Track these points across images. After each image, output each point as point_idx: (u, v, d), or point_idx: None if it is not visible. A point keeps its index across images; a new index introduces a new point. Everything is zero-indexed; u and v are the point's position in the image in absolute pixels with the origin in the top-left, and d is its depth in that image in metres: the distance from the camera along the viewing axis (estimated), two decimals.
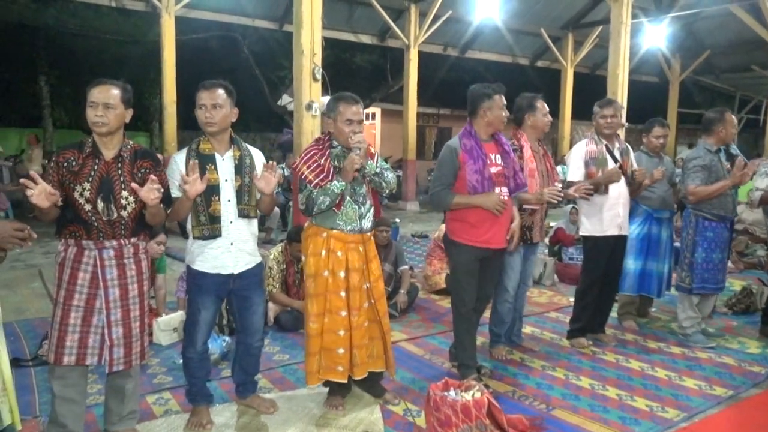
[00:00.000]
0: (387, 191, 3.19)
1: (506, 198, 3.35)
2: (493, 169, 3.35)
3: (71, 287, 2.53)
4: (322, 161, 2.99)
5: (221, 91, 2.84)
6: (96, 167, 2.54)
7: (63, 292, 2.53)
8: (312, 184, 2.95)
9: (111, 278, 2.57)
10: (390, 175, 3.16)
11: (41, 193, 2.33)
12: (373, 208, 3.15)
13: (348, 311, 3.02)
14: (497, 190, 3.33)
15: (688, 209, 4.27)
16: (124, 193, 2.57)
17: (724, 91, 18.32)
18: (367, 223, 3.09)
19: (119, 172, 2.59)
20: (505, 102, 3.42)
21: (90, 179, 2.52)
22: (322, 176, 2.96)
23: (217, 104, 2.82)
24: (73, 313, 2.52)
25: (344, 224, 3.02)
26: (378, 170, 3.09)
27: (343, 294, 3.02)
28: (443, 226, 3.86)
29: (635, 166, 4.21)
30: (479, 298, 3.55)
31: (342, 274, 3.01)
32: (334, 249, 3.01)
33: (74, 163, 2.52)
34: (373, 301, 3.12)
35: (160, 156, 2.71)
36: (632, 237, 4.51)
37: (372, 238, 3.19)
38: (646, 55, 14.40)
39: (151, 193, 2.52)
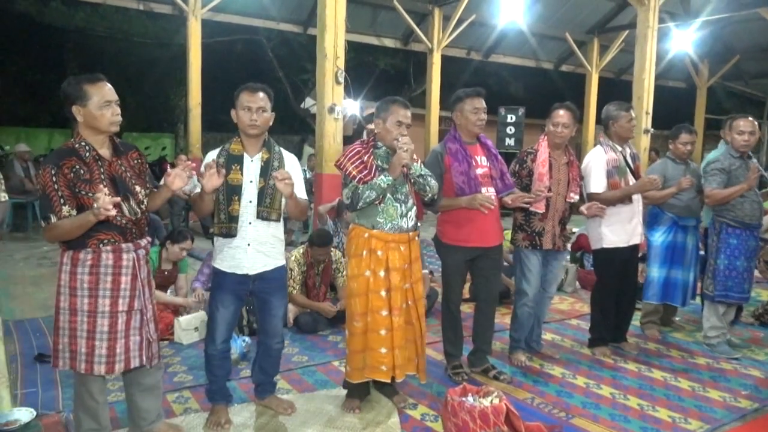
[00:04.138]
0: (429, 195, 3.21)
1: (493, 197, 3.41)
2: (479, 171, 3.45)
3: (115, 293, 2.47)
4: (366, 158, 3.06)
5: (265, 95, 2.90)
6: (102, 169, 2.47)
7: (107, 300, 2.45)
8: (356, 180, 3.01)
9: (144, 276, 2.58)
10: (433, 181, 3.19)
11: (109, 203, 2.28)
12: (415, 207, 3.18)
13: (389, 311, 3.04)
14: (483, 190, 3.40)
15: (713, 216, 4.20)
16: (137, 188, 2.57)
17: (753, 97, 17.93)
18: (408, 222, 3.11)
19: (123, 168, 2.55)
20: (480, 105, 3.45)
21: (104, 183, 2.43)
22: (365, 172, 3.02)
23: (261, 107, 2.87)
24: (120, 319, 2.49)
25: (384, 222, 3.05)
26: (422, 172, 3.14)
27: (383, 293, 3.04)
28: None
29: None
30: (484, 298, 3.65)
31: (382, 273, 3.04)
32: (374, 248, 3.04)
33: (82, 171, 2.41)
34: (411, 302, 3.13)
35: (184, 157, 2.73)
36: (657, 245, 4.44)
37: (416, 238, 3.20)
38: (673, 60, 14.17)
39: (179, 179, 2.58)
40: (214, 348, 2.98)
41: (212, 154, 2.92)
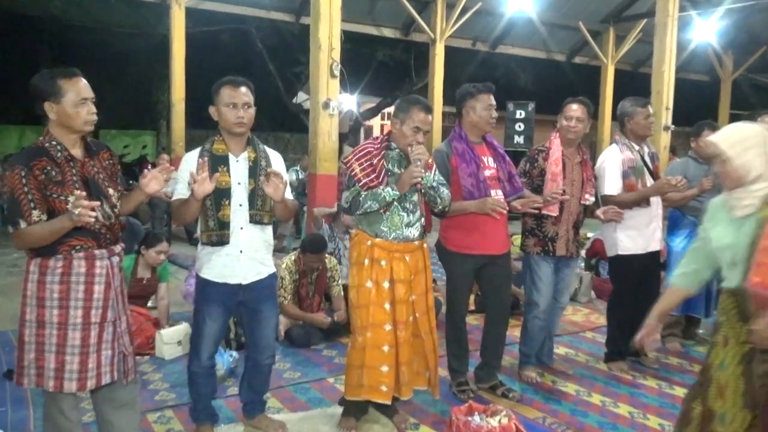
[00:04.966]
0: (440, 207, 3.21)
1: (502, 200, 3.41)
2: (487, 172, 3.44)
3: (88, 304, 2.45)
4: (375, 161, 3.04)
5: (248, 89, 2.89)
6: (75, 171, 2.45)
7: (79, 311, 2.42)
8: (360, 183, 2.99)
9: (117, 285, 2.55)
10: (445, 192, 3.18)
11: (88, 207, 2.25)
12: (423, 218, 3.17)
13: (394, 325, 3.02)
14: (492, 193, 3.39)
15: None
16: (111, 191, 2.55)
17: None
18: (413, 232, 3.09)
19: (95, 169, 2.53)
20: (492, 102, 3.45)
21: (77, 185, 2.41)
22: (372, 176, 3.00)
23: (246, 103, 2.86)
24: (93, 332, 2.46)
25: (388, 231, 3.04)
26: (434, 184, 3.12)
27: (387, 306, 3.01)
28: None
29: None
30: (494, 309, 3.65)
31: (386, 284, 3.02)
32: (378, 258, 3.03)
33: (54, 172, 2.38)
34: (417, 315, 3.12)
35: (166, 157, 2.72)
36: (677, 251, 4.43)
37: (423, 246, 3.19)
38: (695, 51, 14.21)
39: (155, 182, 2.54)
40: (198, 364, 2.97)
41: (193, 155, 2.89)
